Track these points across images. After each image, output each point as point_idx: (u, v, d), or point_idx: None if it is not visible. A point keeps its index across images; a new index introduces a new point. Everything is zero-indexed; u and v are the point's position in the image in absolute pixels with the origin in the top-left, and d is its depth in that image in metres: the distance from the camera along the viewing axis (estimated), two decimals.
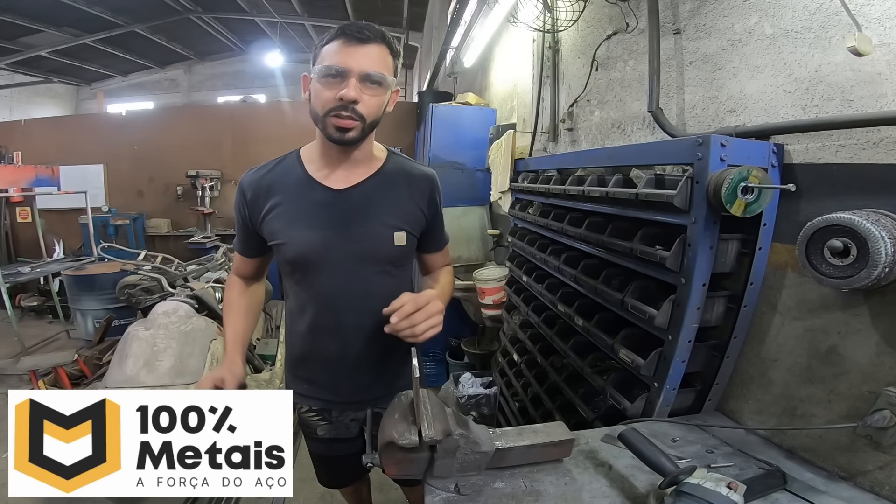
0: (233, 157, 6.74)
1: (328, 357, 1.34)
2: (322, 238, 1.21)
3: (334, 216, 1.22)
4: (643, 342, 1.41)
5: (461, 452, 1.04)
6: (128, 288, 3.30)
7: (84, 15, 7.96)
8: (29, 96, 10.81)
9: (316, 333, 1.32)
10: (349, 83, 1.07)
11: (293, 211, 1.22)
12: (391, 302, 1.12)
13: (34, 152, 6.52)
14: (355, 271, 1.24)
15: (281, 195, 1.23)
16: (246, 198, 1.26)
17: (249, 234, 1.31)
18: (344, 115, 1.09)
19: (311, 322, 1.31)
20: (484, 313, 3.07)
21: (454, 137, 3.74)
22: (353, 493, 1.86)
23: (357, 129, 1.12)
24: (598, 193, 1.61)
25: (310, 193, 1.22)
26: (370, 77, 1.08)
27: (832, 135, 1.15)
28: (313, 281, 1.26)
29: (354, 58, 1.07)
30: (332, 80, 1.08)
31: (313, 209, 1.22)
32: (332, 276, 1.24)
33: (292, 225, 1.22)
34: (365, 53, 1.08)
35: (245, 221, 1.29)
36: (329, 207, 1.22)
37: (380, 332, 1.26)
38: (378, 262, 1.26)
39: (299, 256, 1.23)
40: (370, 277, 1.26)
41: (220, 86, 12.58)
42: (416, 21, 8.59)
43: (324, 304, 1.28)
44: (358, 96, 1.08)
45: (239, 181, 1.29)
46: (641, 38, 1.84)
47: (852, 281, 0.94)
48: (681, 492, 0.87)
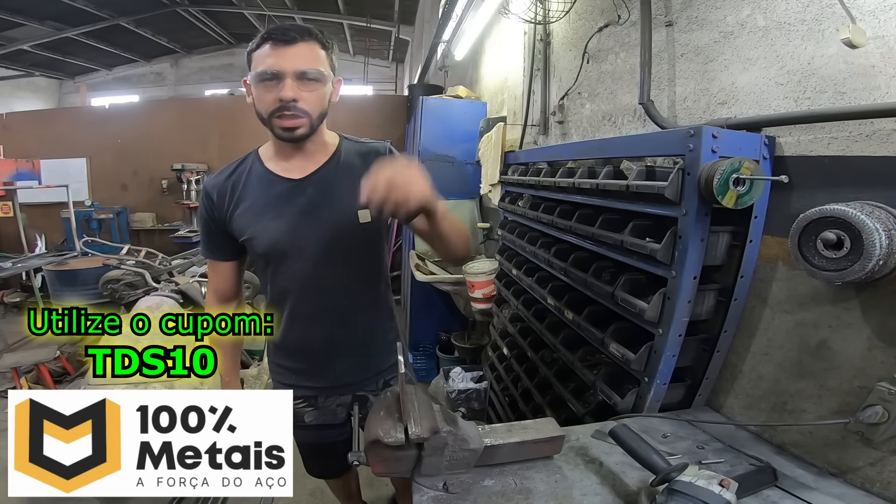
0: (219, 150, 6.64)
1: (310, 344, 1.36)
2: (289, 227, 1.24)
3: (298, 204, 1.24)
4: (633, 336, 1.40)
5: (449, 450, 1.02)
6: (111, 283, 3.24)
7: (67, 8, 7.82)
8: (11, 90, 10.61)
9: (296, 321, 1.33)
10: (285, 84, 1.10)
11: (259, 205, 1.26)
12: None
13: (16, 146, 6.40)
14: (326, 255, 1.26)
15: (244, 192, 1.27)
16: (213, 200, 1.29)
17: (218, 236, 1.32)
18: (287, 115, 1.13)
19: (290, 311, 1.32)
20: (474, 307, 3.06)
21: (444, 131, 3.71)
22: (343, 486, 1.85)
23: (304, 126, 1.16)
24: (588, 185, 1.59)
25: (271, 187, 1.26)
26: (305, 74, 1.11)
27: (824, 127, 1.13)
28: (287, 270, 1.28)
29: (285, 59, 1.09)
30: (269, 83, 1.11)
31: (277, 201, 1.25)
32: (304, 263, 1.26)
33: (258, 219, 1.25)
34: (294, 53, 1.10)
35: (213, 224, 1.31)
36: (292, 197, 1.25)
37: (359, 314, 1.34)
38: (347, 243, 1.27)
39: (270, 248, 1.26)
40: (342, 260, 1.28)
41: (207, 79, 12.43)
42: (408, 14, 8.55)
43: (300, 292, 1.30)
44: (296, 95, 1.11)
45: (203, 186, 1.33)
46: (633, 30, 1.82)
47: (846, 273, 0.92)
48: (673, 490, 0.85)
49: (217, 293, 1.44)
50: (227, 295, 1.44)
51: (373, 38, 10.53)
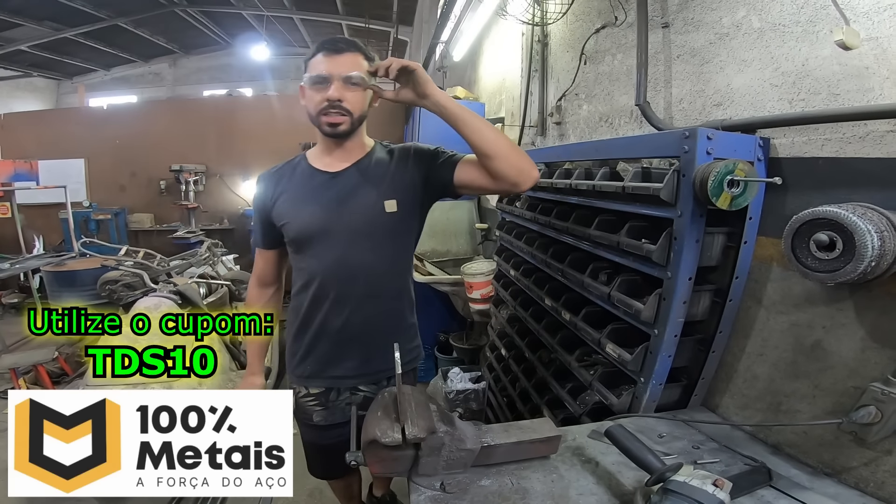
0: (217, 151, 6.62)
1: (330, 328, 1.43)
2: (322, 213, 1.37)
3: (331, 194, 1.38)
4: (630, 337, 1.41)
5: (446, 450, 1.03)
6: (109, 284, 3.23)
7: (65, 9, 7.79)
8: (9, 90, 10.57)
9: (319, 305, 1.43)
10: (332, 86, 1.28)
11: (298, 195, 1.41)
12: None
13: (14, 147, 6.38)
14: (353, 241, 1.37)
15: (289, 184, 1.44)
16: (263, 189, 1.47)
17: (266, 223, 1.46)
18: (333, 113, 1.30)
19: (314, 295, 1.42)
20: (472, 308, 3.06)
21: (442, 132, 3.65)
22: (346, 487, 1.85)
23: (346, 123, 1.32)
24: (585, 187, 1.60)
25: (312, 179, 1.42)
26: (350, 79, 1.28)
27: (818, 129, 1.14)
28: (315, 254, 1.40)
29: (334, 65, 1.28)
30: (319, 85, 1.29)
31: (314, 191, 1.40)
32: (332, 248, 1.38)
33: (296, 206, 1.40)
34: (341, 60, 1.28)
35: (262, 211, 1.46)
36: (328, 187, 1.40)
37: (382, 302, 1.44)
38: (373, 230, 1.38)
39: (302, 231, 1.39)
40: (368, 247, 1.39)
41: (205, 79, 12.39)
42: (406, 15, 8.54)
43: (325, 276, 1.40)
44: (341, 95, 1.28)
45: (257, 178, 1.51)
46: (630, 31, 1.83)
47: (838, 275, 0.93)
48: (667, 489, 0.86)
49: (258, 278, 1.59)
50: (266, 280, 1.59)
51: (371, 38, 10.51)
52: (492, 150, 1.24)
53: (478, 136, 1.24)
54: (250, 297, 1.62)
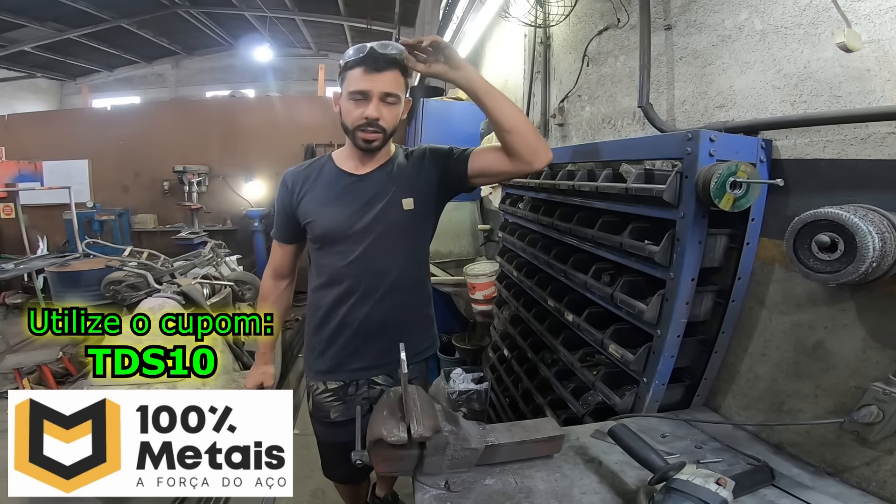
0: (220, 152, 6.65)
1: (352, 322, 1.49)
2: (346, 213, 1.45)
3: (356, 194, 1.46)
4: (633, 337, 1.41)
5: (451, 449, 1.04)
6: (113, 284, 3.25)
7: (68, 10, 7.80)
8: (12, 91, 10.59)
9: (341, 300, 1.49)
10: (372, 104, 1.33)
11: (323, 195, 1.48)
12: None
13: (18, 148, 6.38)
14: (376, 240, 1.45)
15: (315, 184, 1.50)
16: (288, 187, 1.53)
17: (288, 219, 1.53)
18: (370, 131, 1.37)
19: (337, 290, 1.49)
20: (474, 308, 3.06)
21: (445, 132, 3.71)
22: (354, 491, 1.86)
23: (380, 140, 1.40)
24: (588, 188, 1.60)
25: (338, 181, 1.49)
26: (389, 96, 1.34)
27: (820, 130, 1.15)
28: (339, 251, 1.47)
29: (375, 83, 1.32)
30: (358, 100, 1.34)
31: (340, 192, 1.48)
32: (355, 246, 1.45)
33: (321, 205, 1.47)
34: (382, 79, 1.33)
35: (285, 208, 1.53)
36: (354, 189, 1.47)
37: (401, 295, 1.50)
38: (394, 229, 1.46)
39: (328, 230, 1.46)
40: (389, 243, 1.46)
41: (208, 80, 12.40)
42: (409, 16, 8.54)
43: (348, 273, 1.47)
44: (379, 115, 1.34)
45: (283, 176, 1.57)
46: (632, 33, 1.83)
47: (840, 276, 0.94)
48: (670, 488, 0.87)
49: (275, 270, 1.66)
50: (281, 273, 1.67)
51: (373, 39, 10.51)
52: (512, 125, 1.34)
53: (500, 110, 1.34)
54: (264, 288, 1.69)
